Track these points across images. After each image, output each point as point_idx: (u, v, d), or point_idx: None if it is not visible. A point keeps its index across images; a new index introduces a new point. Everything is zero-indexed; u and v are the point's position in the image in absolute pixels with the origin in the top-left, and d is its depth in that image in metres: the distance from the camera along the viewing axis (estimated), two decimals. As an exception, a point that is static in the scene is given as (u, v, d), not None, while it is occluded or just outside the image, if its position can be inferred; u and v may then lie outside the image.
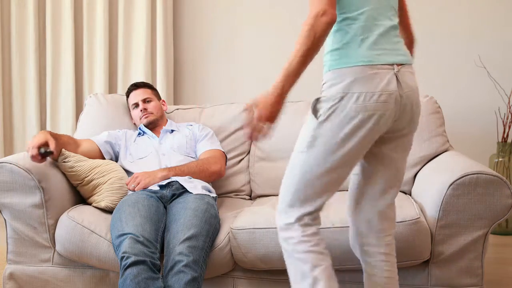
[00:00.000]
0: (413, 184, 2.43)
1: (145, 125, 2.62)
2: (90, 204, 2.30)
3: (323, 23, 1.46)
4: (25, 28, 3.53)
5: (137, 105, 2.66)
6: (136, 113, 2.66)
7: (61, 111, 3.56)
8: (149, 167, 2.40)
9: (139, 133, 2.61)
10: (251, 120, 1.58)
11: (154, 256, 1.89)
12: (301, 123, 1.69)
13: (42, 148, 2.12)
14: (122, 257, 1.85)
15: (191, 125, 2.67)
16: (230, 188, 2.65)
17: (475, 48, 3.27)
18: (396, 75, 1.56)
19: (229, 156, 2.67)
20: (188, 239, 1.93)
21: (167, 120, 2.71)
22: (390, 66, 1.56)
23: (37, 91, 3.55)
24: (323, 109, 1.55)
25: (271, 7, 3.44)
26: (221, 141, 2.68)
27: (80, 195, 2.35)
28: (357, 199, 1.75)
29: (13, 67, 3.57)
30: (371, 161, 1.71)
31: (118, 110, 2.77)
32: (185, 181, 2.31)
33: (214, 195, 2.36)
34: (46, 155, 2.12)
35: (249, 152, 2.72)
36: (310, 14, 1.47)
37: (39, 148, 2.12)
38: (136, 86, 2.73)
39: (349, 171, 1.63)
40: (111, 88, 3.58)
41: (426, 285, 2.01)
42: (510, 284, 2.47)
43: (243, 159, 2.71)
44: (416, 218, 1.96)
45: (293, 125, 2.42)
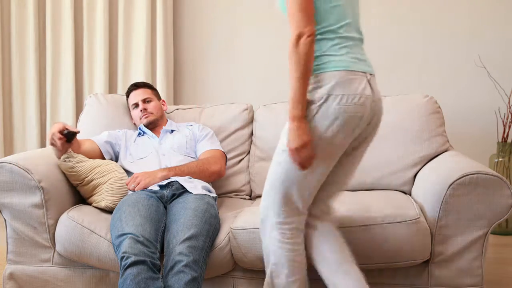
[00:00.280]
0: (413, 184, 2.43)
1: (145, 125, 2.62)
2: (90, 204, 2.30)
3: (306, 44, 1.56)
4: (25, 28, 3.53)
5: (137, 105, 2.66)
6: (136, 113, 2.66)
7: (61, 111, 3.56)
8: (149, 167, 2.40)
9: (139, 133, 2.61)
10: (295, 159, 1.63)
11: (154, 256, 1.89)
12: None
13: (65, 130, 2.14)
14: (122, 257, 1.85)
15: (191, 125, 2.67)
16: (230, 188, 2.65)
17: (475, 48, 3.27)
18: (369, 82, 1.66)
19: (229, 156, 2.67)
20: (188, 239, 1.93)
21: (167, 120, 2.71)
22: (364, 74, 1.66)
23: (37, 91, 3.55)
24: (308, 110, 1.62)
25: (271, 7, 3.44)
26: (221, 141, 2.68)
27: (80, 195, 2.35)
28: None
29: (13, 67, 3.57)
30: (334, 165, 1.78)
31: (118, 110, 2.77)
32: (185, 181, 2.31)
33: (214, 195, 2.36)
34: (70, 135, 2.13)
35: (249, 152, 2.72)
36: (292, 39, 1.57)
37: (61, 132, 2.14)
38: (136, 86, 2.73)
39: (327, 171, 1.71)
40: (111, 88, 3.58)
41: (426, 285, 2.01)
42: (510, 284, 2.47)
43: (243, 159, 2.71)
44: (416, 218, 1.96)
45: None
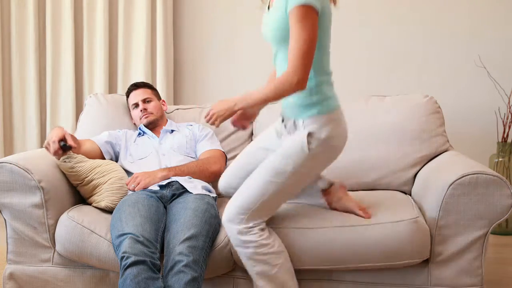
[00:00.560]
0: (413, 184, 2.43)
1: (145, 125, 2.62)
2: (90, 204, 2.30)
3: (295, 90, 1.78)
4: (25, 28, 3.53)
5: (137, 105, 2.66)
6: (136, 113, 2.66)
7: (61, 111, 3.56)
8: (149, 167, 2.40)
9: (139, 133, 2.61)
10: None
11: (154, 256, 1.89)
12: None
13: (62, 141, 2.16)
14: (122, 257, 1.85)
15: (191, 125, 2.67)
16: (230, 188, 2.65)
17: (475, 48, 3.27)
18: None
19: (229, 156, 2.67)
20: (188, 239, 1.93)
21: (167, 120, 2.71)
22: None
23: (37, 91, 3.55)
24: (312, 144, 1.85)
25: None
26: (221, 141, 2.68)
27: (80, 195, 2.35)
28: None
29: (13, 67, 3.57)
30: None
31: (118, 110, 2.77)
32: (185, 181, 2.31)
33: (214, 195, 2.36)
34: (66, 148, 2.15)
35: (249, 152, 2.72)
36: (290, 78, 1.75)
37: (59, 141, 2.16)
38: (136, 86, 2.73)
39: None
40: (111, 88, 3.58)
41: (426, 285, 2.01)
42: (510, 284, 2.47)
43: (243, 159, 2.70)
44: (415, 218, 1.96)
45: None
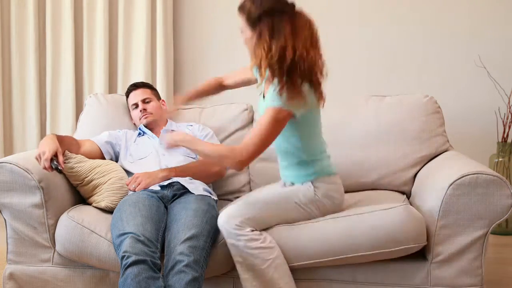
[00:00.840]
0: (413, 184, 2.43)
1: (144, 125, 2.62)
2: (90, 204, 2.30)
3: (231, 167, 1.94)
4: (25, 28, 3.53)
5: (136, 105, 2.66)
6: (136, 113, 2.66)
7: (61, 111, 3.56)
8: (149, 167, 2.40)
9: (139, 133, 2.60)
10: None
11: (154, 255, 1.89)
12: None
13: (55, 161, 2.09)
14: (123, 257, 1.85)
15: (191, 125, 2.66)
16: (230, 188, 2.64)
17: (475, 48, 3.27)
18: None
19: (229, 156, 2.66)
20: (189, 239, 1.93)
21: (167, 120, 2.71)
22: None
23: (37, 91, 3.55)
24: (317, 192, 2.03)
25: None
26: (221, 141, 2.68)
27: (80, 195, 2.35)
28: None
29: (13, 67, 3.57)
30: None
31: (118, 110, 2.77)
32: (186, 182, 2.31)
33: (215, 198, 2.35)
34: (56, 169, 2.10)
35: (249, 152, 2.72)
36: (238, 155, 1.89)
37: (51, 160, 2.09)
38: (135, 86, 2.72)
39: None
40: (111, 88, 3.58)
41: (426, 285, 2.01)
42: (510, 284, 2.47)
43: (243, 159, 2.70)
44: (404, 204, 2.02)
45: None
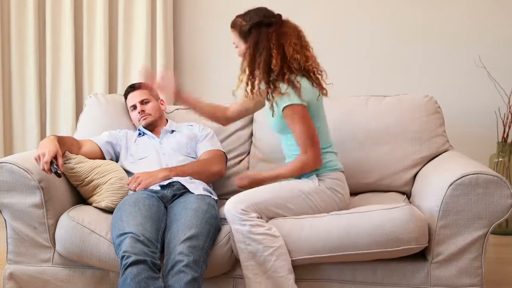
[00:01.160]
0: (413, 184, 2.43)
1: (144, 127, 2.62)
2: (90, 204, 2.30)
3: (315, 168, 2.11)
4: (25, 28, 3.53)
5: (135, 107, 2.65)
6: (135, 115, 2.65)
7: (61, 111, 3.56)
8: (149, 167, 2.40)
9: (139, 134, 2.60)
10: None
11: (154, 255, 1.89)
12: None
13: (55, 164, 2.08)
14: (123, 257, 1.85)
15: (191, 125, 2.66)
16: (230, 188, 2.64)
17: (475, 48, 3.27)
18: None
19: (229, 157, 2.67)
20: (189, 239, 1.93)
21: (167, 120, 2.70)
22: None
23: (37, 91, 3.55)
24: (323, 184, 2.10)
25: (270, 7, 3.44)
26: (221, 141, 2.68)
27: (80, 195, 2.35)
28: None
29: (13, 67, 3.57)
30: None
31: (118, 110, 2.77)
32: (186, 181, 2.31)
33: (215, 197, 2.35)
34: (56, 173, 2.09)
35: (249, 153, 2.72)
36: (309, 158, 2.07)
37: (51, 163, 2.08)
38: (133, 87, 2.70)
39: None
40: (111, 88, 3.58)
41: (426, 285, 2.01)
42: (510, 284, 2.47)
43: (243, 159, 2.70)
44: (408, 204, 2.00)
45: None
